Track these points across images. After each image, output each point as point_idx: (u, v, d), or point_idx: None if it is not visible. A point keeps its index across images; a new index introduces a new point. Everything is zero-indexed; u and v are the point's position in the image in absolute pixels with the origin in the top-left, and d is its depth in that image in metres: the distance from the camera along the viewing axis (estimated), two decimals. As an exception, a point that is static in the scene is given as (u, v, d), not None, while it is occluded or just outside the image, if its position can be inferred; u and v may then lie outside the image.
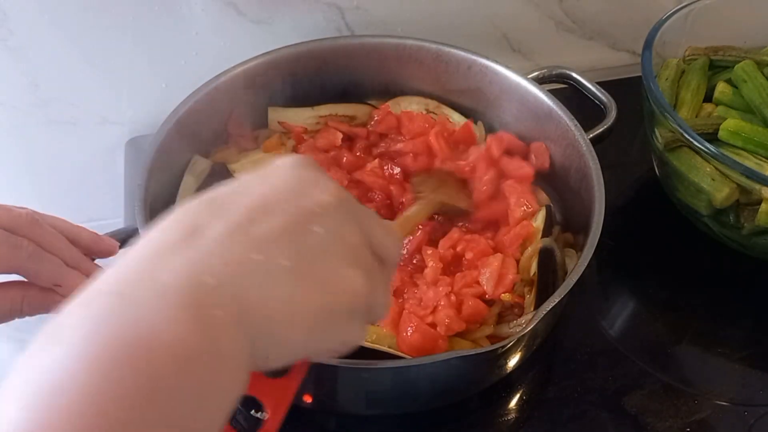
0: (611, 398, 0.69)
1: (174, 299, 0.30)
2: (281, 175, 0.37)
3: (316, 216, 0.36)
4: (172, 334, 0.29)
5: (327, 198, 0.37)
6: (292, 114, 0.82)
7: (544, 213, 0.73)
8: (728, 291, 0.80)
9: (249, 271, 0.32)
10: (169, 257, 0.31)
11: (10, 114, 0.84)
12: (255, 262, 0.33)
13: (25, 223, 0.52)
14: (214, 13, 0.83)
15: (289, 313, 0.33)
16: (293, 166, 0.38)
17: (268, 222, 0.34)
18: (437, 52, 0.82)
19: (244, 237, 0.33)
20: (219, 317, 0.30)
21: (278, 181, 0.37)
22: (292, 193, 0.36)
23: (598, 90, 0.80)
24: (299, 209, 0.35)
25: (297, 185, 0.37)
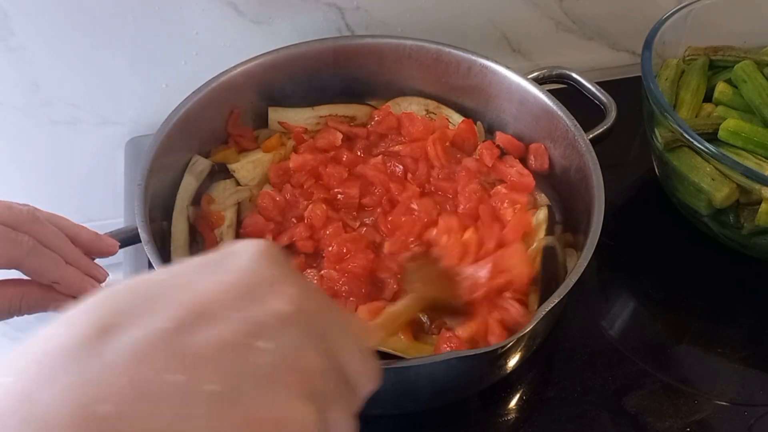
0: (611, 398, 0.69)
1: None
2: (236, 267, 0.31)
3: (266, 329, 0.29)
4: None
5: (284, 308, 0.30)
6: (292, 114, 0.82)
7: (546, 211, 0.73)
8: (728, 291, 0.80)
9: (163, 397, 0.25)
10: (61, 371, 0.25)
11: (10, 114, 0.84)
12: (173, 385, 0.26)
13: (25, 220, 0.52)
14: (214, 13, 0.83)
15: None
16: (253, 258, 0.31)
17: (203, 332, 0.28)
18: (437, 53, 0.82)
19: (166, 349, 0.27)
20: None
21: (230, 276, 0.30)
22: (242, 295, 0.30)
23: (598, 90, 0.80)
24: (246, 319, 0.29)
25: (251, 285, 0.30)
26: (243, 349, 0.28)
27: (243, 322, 0.29)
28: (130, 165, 0.87)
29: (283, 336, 0.29)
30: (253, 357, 0.28)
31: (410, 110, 0.84)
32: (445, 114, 0.84)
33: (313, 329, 0.31)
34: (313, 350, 0.30)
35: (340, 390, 0.32)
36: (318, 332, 0.31)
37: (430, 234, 0.71)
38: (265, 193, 0.75)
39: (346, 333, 0.33)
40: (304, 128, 0.81)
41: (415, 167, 0.78)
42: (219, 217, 0.74)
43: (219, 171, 0.78)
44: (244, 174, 0.77)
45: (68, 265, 0.54)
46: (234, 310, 0.29)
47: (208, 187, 0.76)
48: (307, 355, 0.30)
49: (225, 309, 0.29)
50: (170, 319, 0.27)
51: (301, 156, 0.78)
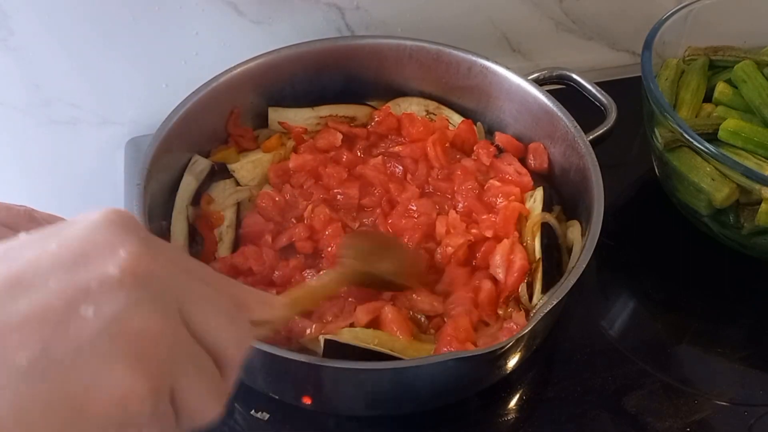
0: (611, 398, 0.69)
1: None
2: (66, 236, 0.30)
3: (89, 295, 0.28)
4: None
5: (112, 271, 0.28)
6: (292, 114, 0.82)
7: (542, 192, 0.73)
8: (728, 291, 0.80)
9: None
10: None
11: (10, 114, 0.84)
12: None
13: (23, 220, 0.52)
14: (214, 13, 0.83)
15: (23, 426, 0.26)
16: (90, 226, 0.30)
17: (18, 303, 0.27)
18: (437, 53, 0.82)
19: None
20: None
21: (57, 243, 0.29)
22: (67, 262, 0.28)
23: (598, 91, 0.80)
24: (69, 285, 0.28)
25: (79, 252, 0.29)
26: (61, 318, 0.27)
27: (64, 290, 0.28)
28: (130, 165, 0.87)
29: (107, 300, 0.28)
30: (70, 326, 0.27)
31: (410, 111, 0.84)
32: (445, 114, 0.84)
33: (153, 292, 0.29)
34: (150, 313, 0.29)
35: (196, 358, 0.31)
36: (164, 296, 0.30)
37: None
38: (265, 194, 0.75)
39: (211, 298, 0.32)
40: (304, 128, 0.81)
41: (414, 168, 0.79)
42: (218, 217, 0.74)
43: (219, 171, 0.78)
44: (243, 174, 0.78)
45: None
46: (53, 278, 0.28)
47: (208, 187, 0.76)
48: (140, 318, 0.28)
49: (43, 277, 0.28)
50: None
51: (301, 156, 0.78)
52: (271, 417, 0.65)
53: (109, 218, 0.30)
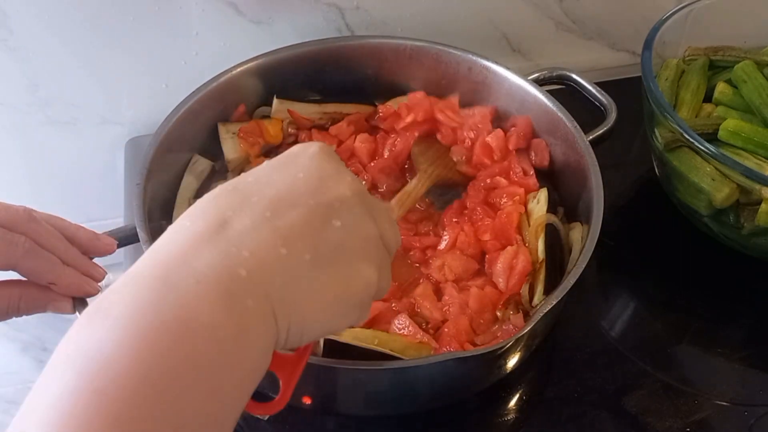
0: (611, 398, 0.69)
1: (211, 288, 0.32)
2: (302, 165, 0.39)
3: (335, 210, 0.38)
4: (209, 318, 0.32)
5: (346, 192, 0.39)
6: (298, 107, 0.81)
7: (546, 193, 0.73)
8: (728, 291, 0.80)
9: (276, 265, 0.35)
10: (203, 247, 0.34)
11: (10, 114, 0.84)
12: (280, 256, 0.35)
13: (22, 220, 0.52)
14: (214, 13, 0.83)
15: (310, 304, 0.36)
16: (313, 156, 0.40)
17: (290, 215, 0.36)
18: (437, 54, 0.82)
19: (270, 231, 0.36)
20: (250, 306, 0.33)
21: (300, 172, 0.39)
22: (313, 186, 0.38)
23: (598, 92, 0.80)
24: (320, 203, 0.37)
25: (317, 177, 0.39)
26: (321, 226, 0.37)
27: (317, 206, 0.37)
28: (130, 165, 0.87)
29: (347, 214, 0.38)
30: (329, 233, 0.37)
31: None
32: (446, 111, 0.84)
33: (366, 208, 0.40)
34: (369, 223, 0.39)
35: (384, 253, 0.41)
36: (369, 210, 0.40)
37: None
38: None
39: (383, 209, 0.42)
40: (310, 119, 0.81)
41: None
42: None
43: (219, 171, 0.78)
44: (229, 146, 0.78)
45: (65, 266, 0.54)
46: (309, 198, 0.37)
47: (209, 187, 0.76)
48: (367, 226, 0.39)
49: (302, 197, 0.37)
50: (266, 207, 0.36)
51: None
52: (271, 417, 0.65)
53: (323, 150, 0.40)
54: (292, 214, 0.36)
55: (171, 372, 0.30)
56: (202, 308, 0.32)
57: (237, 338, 0.32)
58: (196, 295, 0.32)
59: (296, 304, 0.36)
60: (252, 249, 0.35)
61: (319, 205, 0.37)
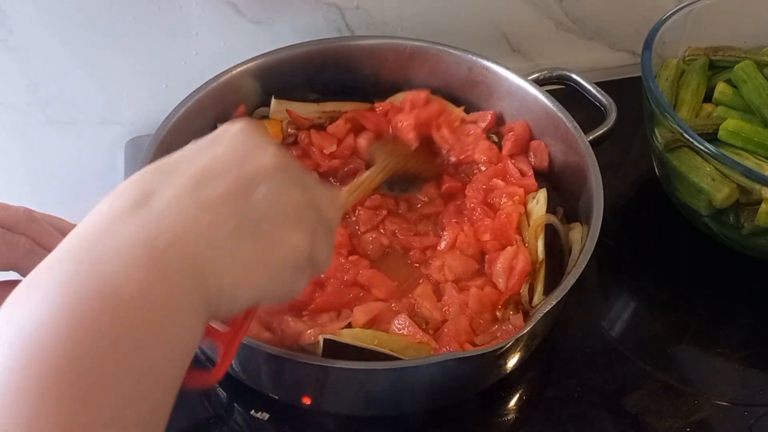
0: (611, 398, 0.69)
1: (134, 256, 0.33)
2: (225, 142, 0.40)
3: (258, 180, 0.38)
4: (133, 286, 0.32)
5: (269, 161, 0.39)
6: (297, 107, 0.81)
7: (545, 193, 0.73)
8: (728, 291, 0.80)
9: (199, 230, 0.35)
10: (126, 219, 0.35)
11: (10, 114, 0.84)
12: (204, 221, 0.36)
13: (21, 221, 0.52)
14: (214, 13, 0.83)
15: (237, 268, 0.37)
16: (237, 133, 0.41)
17: (214, 186, 0.37)
18: (438, 54, 0.82)
19: (193, 199, 0.36)
20: (174, 272, 0.34)
21: (222, 148, 0.39)
22: (235, 159, 0.39)
23: (598, 92, 0.80)
24: (243, 173, 0.38)
25: (240, 151, 0.39)
26: (245, 194, 0.38)
27: (240, 176, 0.38)
28: (130, 165, 0.87)
29: (271, 183, 0.39)
30: (254, 200, 0.38)
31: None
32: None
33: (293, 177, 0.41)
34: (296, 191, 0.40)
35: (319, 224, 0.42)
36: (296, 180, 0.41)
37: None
38: None
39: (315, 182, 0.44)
40: (309, 119, 0.81)
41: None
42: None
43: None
44: None
45: None
46: (234, 169, 0.38)
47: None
48: (292, 194, 0.40)
49: (224, 170, 0.38)
50: (189, 179, 0.37)
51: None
52: (271, 417, 0.65)
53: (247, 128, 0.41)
54: (214, 185, 0.37)
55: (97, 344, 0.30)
56: (124, 278, 0.32)
57: (163, 305, 0.33)
58: (118, 264, 0.32)
59: (223, 270, 0.36)
60: (174, 218, 0.35)
61: (242, 176, 0.38)
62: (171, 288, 0.33)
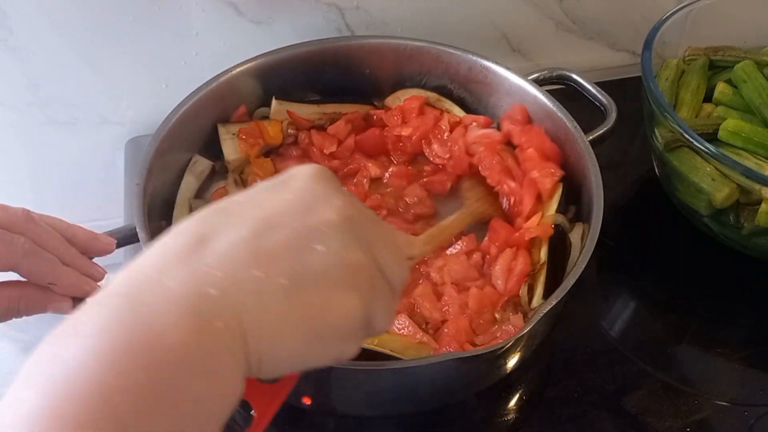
0: (611, 398, 0.69)
1: (179, 306, 0.31)
2: (294, 187, 0.38)
3: (320, 234, 0.36)
4: (175, 338, 0.31)
5: (333, 217, 0.37)
6: (297, 108, 0.81)
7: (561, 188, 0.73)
8: (728, 291, 0.80)
9: (249, 287, 0.34)
10: (177, 265, 0.33)
11: (10, 114, 0.84)
12: (255, 278, 0.34)
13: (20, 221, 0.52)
14: (214, 13, 0.83)
15: (283, 330, 0.35)
16: (307, 179, 0.39)
17: (271, 237, 0.35)
18: (437, 54, 0.82)
19: (247, 252, 0.34)
20: (219, 327, 0.32)
21: (289, 194, 0.38)
22: (300, 208, 0.37)
23: (598, 92, 0.80)
24: (304, 226, 0.36)
25: (306, 200, 0.38)
26: (302, 250, 0.36)
27: (301, 229, 0.36)
28: (130, 165, 0.87)
29: (332, 239, 0.37)
30: (310, 258, 0.36)
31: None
32: (446, 107, 0.84)
33: (356, 233, 0.38)
34: (357, 250, 0.37)
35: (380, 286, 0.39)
36: (361, 236, 0.38)
37: None
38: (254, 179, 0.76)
39: (384, 238, 0.41)
40: (309, 120, 0.81)
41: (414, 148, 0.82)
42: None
43: (219, 171, 0.78)
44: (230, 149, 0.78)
45: (65, 266, 0.54)
46: (294, 220, 0.36)
47: (209, 187, 0.76)
48: (353, 254, 0.37)
49: (287, 219, 0.36)
50: (248, 228, 0.35)
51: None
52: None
53: (318, 173, 0.39)
54: (273, 235, 0.35)
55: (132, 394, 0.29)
56: (168, 328, 0.31)
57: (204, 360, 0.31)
58: (163, 313, 0.31)
59: (268, 329, 0.34)
60: (226, 269, 0.34)
61: (303, 229, 0.36)
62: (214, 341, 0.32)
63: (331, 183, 0.39)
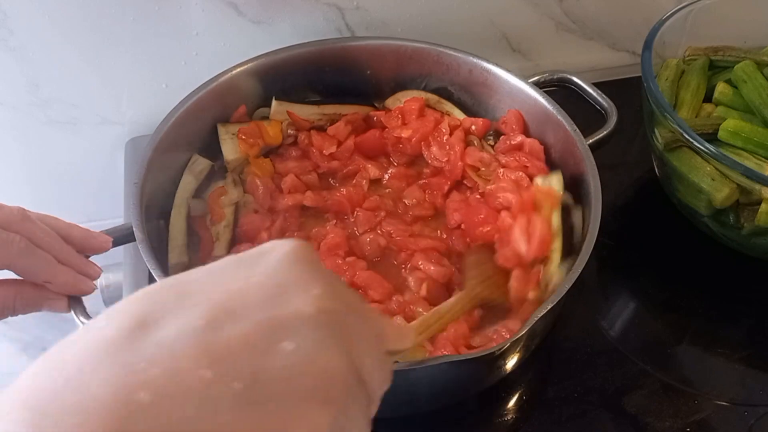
0: (611, 398, 0.69)
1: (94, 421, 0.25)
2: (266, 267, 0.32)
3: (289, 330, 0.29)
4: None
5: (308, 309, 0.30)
6: (297, 109, 0.81)
7: (560, 174, 0.72)
8: (728, 291, 0.80)
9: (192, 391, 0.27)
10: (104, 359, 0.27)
11: (10, 114, 0.84)
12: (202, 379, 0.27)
13: (16, 220, 0.52)
14: (214, 13, 0.83)
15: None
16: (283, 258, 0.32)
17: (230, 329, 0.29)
18: (438, 55, 0.82)
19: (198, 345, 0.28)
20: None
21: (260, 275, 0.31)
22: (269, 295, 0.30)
23: (599, 95, 0.79)
24: (271, 318, 0.29)
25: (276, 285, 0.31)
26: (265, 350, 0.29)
27: (267, 322, 0.29)
28: (130, 165, 0.87)
29: (303, 337, 0.29)
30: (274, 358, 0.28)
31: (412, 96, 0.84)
32: (446, 109, 0.84)
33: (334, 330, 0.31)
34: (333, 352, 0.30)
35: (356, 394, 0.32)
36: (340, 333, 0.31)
37: None
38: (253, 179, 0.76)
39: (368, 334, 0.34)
40: (309, 120, 0.81)
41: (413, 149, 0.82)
42: (221, 213, 0.74)
43: (218, 171, 0.78)
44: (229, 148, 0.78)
45: (60, 264, 0.54)
46: (259, 310, 0.29)
47: (208, 186, 0.76)
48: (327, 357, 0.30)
49: (250, 308, 0.29)
50: (202, 315, 0.29)
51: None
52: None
53: (296, 252, 0.32)
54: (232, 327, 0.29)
55: None
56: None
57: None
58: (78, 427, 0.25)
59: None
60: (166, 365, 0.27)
61: (270, 321, 0.29)
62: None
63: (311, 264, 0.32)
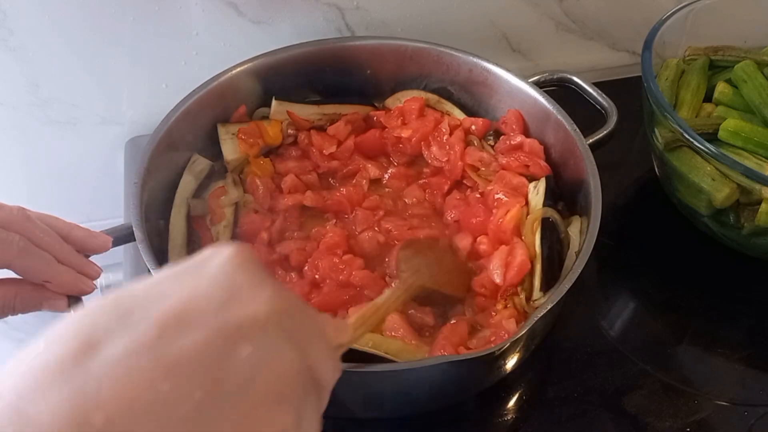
0: (611, 398, 0.69)
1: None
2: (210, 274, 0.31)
3: (244, 334, 0.29)
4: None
5: (261, 309, 0.30)
6: (297, 108, 0.81)
7: (545, 183, 0.72)
8: (728, 291, 0.80)
9: (151, 406, 0.26)
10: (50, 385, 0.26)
11: (10, 114, 0.84)
12: (159, 393, 0.26)
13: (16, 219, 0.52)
14: (215, 13, 0.83)
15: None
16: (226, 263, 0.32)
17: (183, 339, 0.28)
18: (438, 55, 0.82)
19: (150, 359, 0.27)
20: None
21: (203, 281, 0.30)
22: (218, 301, 0.30)
23: (599, 95, 0.79)
24: (224, 324, 0.29)
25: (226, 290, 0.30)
26: (223, 355, 0.28)
27: (221, 326, 0.29)
28: (130, 165, 0.87)
29: (259, 339, 0.29)
30: (232, 363, 0.28)
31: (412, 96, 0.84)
32: (446, 109, 0.84)
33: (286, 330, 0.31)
34: (288, 352, 0.30)
35: (311, 389, 0.32)
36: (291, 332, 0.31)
37: None
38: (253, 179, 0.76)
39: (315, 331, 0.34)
40: (309, 120, 0.81)
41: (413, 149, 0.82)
42: (221, 213, 0.74)
43: (218, 171, 0.78)
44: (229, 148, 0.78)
45: (60, 264, 0.54)
46: (212, 317, 0.29)
47: (208, 186, 0.76)
48: (284, 358, 0.30)
49: (202, 316, 0.29)
50: (150, 328, 0.28)
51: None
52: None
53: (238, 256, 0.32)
54: (184, 337, 0.28)
55: None
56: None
57: None
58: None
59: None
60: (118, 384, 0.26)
61: (223, 327, 0.29)
62: None
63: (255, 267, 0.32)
